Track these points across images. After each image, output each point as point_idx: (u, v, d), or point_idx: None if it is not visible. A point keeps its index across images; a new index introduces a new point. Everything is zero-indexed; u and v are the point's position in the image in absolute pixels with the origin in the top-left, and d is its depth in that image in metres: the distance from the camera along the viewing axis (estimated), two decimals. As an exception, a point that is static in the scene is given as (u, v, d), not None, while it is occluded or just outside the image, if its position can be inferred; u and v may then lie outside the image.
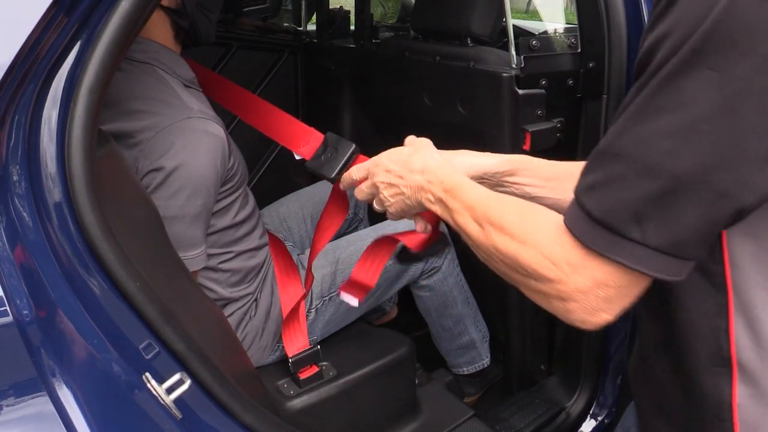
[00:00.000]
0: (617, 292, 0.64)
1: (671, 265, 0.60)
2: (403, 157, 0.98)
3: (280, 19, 2.81)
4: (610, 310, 0.65)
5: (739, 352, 0.68)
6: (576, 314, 0.67)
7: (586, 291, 0.65)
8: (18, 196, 0.80)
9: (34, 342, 0.74)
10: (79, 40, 0.81)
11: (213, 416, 0.88)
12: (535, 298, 0.72)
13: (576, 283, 0.65)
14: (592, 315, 0.66)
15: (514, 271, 0.74)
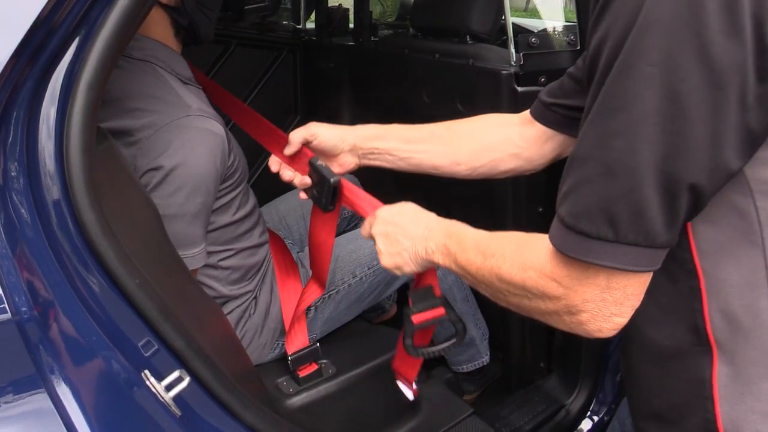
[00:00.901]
0: (623, 293, 0.67)
1: (649, 257, 0.63)
2: (401, 213, 1.03)
3: (279, 18, 2.81)
4: (622, 312, 0.68)
5: (715, 332, 0.71)
6: (590, 324, 0.69)
7: (592, 299, 0.67)
8: (16, 193, 0.80)
9: (32, 339, 0.74)
10: (78, 37, 0.81)
11: (212, 414, 0.88)
12: (550, 321, 0.73)
13: (582, 294, 0.68)
14: (606, 321, 0.68)
15: (524, 298, 0.75)
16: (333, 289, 1.59)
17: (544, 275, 0.71)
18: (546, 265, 0.71)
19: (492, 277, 0.80)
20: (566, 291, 0.69)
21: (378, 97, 2.25)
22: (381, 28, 2.52)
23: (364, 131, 1.19)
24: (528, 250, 0.75)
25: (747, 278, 0.68)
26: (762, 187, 0.65)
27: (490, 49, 1.69)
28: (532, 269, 0.73)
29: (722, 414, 0.73)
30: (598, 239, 0.63)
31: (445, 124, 1.18)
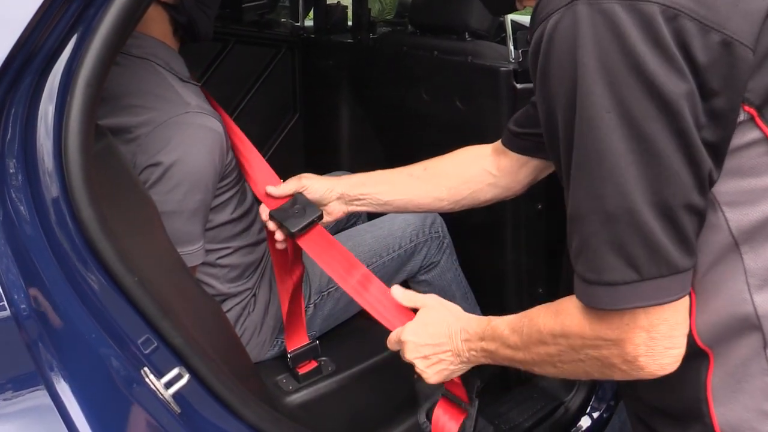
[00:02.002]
0: (668, 325, 0.68)
1: (678, 283, 0.66)
2: (427, 331, 1.02)
3: (278, 15, 2.80)
4: (675, 344, 0.69)
5: (705, 340, 0.73)
6: (650, 365, 0.69)
7: (642, 342, 0.68)
8: (15, 190, 0.80)
9: (31, 336, 0.74)
10: (76, 34, 0.81)
11: (212, 411, 0.88)
12: (614, 375, 0.74)
13: (630, 341, 0.69)
14: (663, 356, 0.69)
15: (579, 362, 0.76)
16: (332, 286, 1.59)
17: (588, 336, 0.72)
18: (585, 326, 0.73)
19: (543, 357, 0.81)
20: (613, 343, 0.70)
21: (377, 94, 2.25)
22: (379, 25, 2.51)
23: (350, 180, 1.26)
24: (563, 317, 0.76)
25: (730, 287, 0.70)
26: (727, 199, 0.67)
27: (489, 46, 1.69)
28: (575, 335, 0.74)
29: (718, 415, 0.74)
30: (625, 284, 0.65)
31: (424, 163, 1.25)
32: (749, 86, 0.63)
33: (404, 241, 1.67)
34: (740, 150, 0.65)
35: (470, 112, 1.72)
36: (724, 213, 0.68)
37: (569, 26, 0.64)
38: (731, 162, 0.66)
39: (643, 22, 0.61)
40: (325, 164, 2.40)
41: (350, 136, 2.45)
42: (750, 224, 0.68)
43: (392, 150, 2.26)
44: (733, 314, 0.71)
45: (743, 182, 0.66)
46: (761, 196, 0.66)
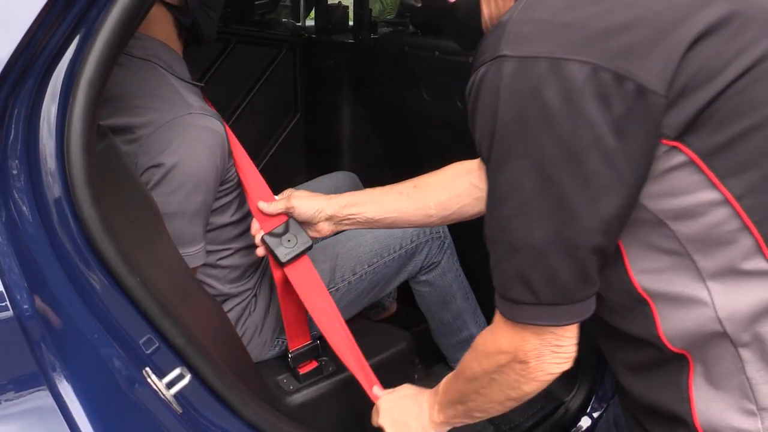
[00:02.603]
0: (557, 342, 0.77)
1: (574, 311, 0.74)
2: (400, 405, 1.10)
3: (279, 15, 2.80)
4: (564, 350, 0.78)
5: (677, 346, 0.77)
6: (537, 370, 0.80)
7: (532, 349, 0.78)
8: (18, 191, 0.80)
9: (34, 336, 0.74)
10: (78, 34, 0.81)
11: (213, 411, 0.89)
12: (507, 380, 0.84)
13: (522, 349, 0.79)
14: (551, 366, 0.80)
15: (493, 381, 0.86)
16: (333, 286, 1.59)
17: (491, 350, 0.84)
18: (488, 341, 0.84)
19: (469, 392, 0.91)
20: (510, 352, 0.80)
21: (378, 94, 2.25)
22: (381, 25, 2.51)
23: (340, 201, 1.30)
24: (475, 342, 0.89)
25: (688, 295, 0.73)
26: (669, 215, 0.71)
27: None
28: (481, 353, 0.86)
29: (699, 414, 0.76)
30: (524, 304, 0.74)
31: (413, 181, 1.31)
32: (664, 123, 0.66)
33: (405, 241, 1.67)
34: (669, 173, 0.69)
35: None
36: (671, 227, 0.71)
37: (493, 80, 0.69)
38: (663, 184, 0.69)
39: (560, 79, 0.65)
40: (325, 164, 2.40)
41: (351, 136, 2.46)
42: (696, 234, 0.71)
43: (393, 150, 2.26)
44: (697, 321, 0.73)
45: (678, 200, 0.70)
46: (698, 211, 0.70)
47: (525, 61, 0.67)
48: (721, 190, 0.68)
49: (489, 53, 0.71)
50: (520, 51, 0.67)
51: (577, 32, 0.66)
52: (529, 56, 0.67)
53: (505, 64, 0.68)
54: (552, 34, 0.67)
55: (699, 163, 0.68)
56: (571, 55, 0.65)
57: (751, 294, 0.71)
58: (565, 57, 0.65)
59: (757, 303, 0.71)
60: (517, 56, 0.67)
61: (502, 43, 0.69)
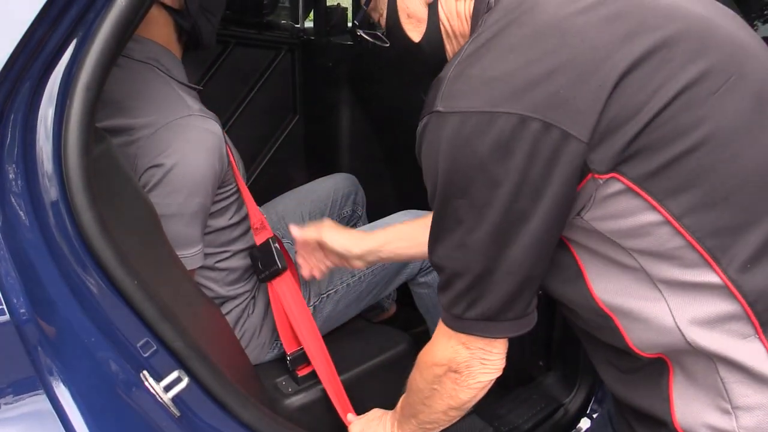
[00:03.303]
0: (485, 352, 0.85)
1: (502, 328, 0.81)
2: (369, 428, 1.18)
3: (278, 17, 2.80)
4: (492, 361, 0.86)
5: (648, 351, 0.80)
6: (469, 378, 0.87)
7: (463, 360, 0.85)
8: (14, 195, 0.80)
9: (31, 340, 0.74)
10: (75, 38, 0.81)
11: (211, 414, 0.88)
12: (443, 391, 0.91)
13: (454, 360, 0.86)
14: (479, 371, 0.87)
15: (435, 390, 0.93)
16: (332, 288, 1.59)
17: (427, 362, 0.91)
18: (428, 354, 0.92)
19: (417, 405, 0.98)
20: (445, 362, 0.87)
21: (376, 95, 2.25)
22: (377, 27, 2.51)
23: (369, 241, 1.31)
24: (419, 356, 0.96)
25: (648, 307, 0.76)
26: (618, 235, 0.74)
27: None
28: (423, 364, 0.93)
29: (678, 415, 0.79)
30: (466, 319, 0.81)
31: None
32: (592, 160, 0.70)
33: (404, 242, 1.67)
34: (610, 198, 0.72)
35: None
36: (622, 245, 0.75)
37: (431, 132, 0.76)
38: (607, 209, 0.73)
39: (490, 131, 0.70)
40: (324, 164, 2.40)
41: (350, 137, 2.46)
42: (646, 249, 0.74)
43: (392, 150, 2.26)
44: (659, 331, 0.76)
45: (623, 222, 0.73)
46: (642, 231, 0.73)
47: (457, 116, 0.72)
48: (660, 211, 0.71)
49: (428, 107, 0.77)
50: (453, 107, 0.73)
51: (503, 85, 0.71)
52: (461, 111, 0.72)
53: (440, 119, 0.74)
54: (481, 89, 0.72)
55: (636, 189, 0.71)
56: (499, 107, 0.70)
57: (706, 305, 0.73)
58: (494, 110, 0.70)
59: (713, 313, 0.73)
60: (450, 112, 0.73)
61: (438, 99, 0.75)
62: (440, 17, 0.91)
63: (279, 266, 1.41)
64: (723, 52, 0.73)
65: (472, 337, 0.84)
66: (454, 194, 0.76)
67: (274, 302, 1.47)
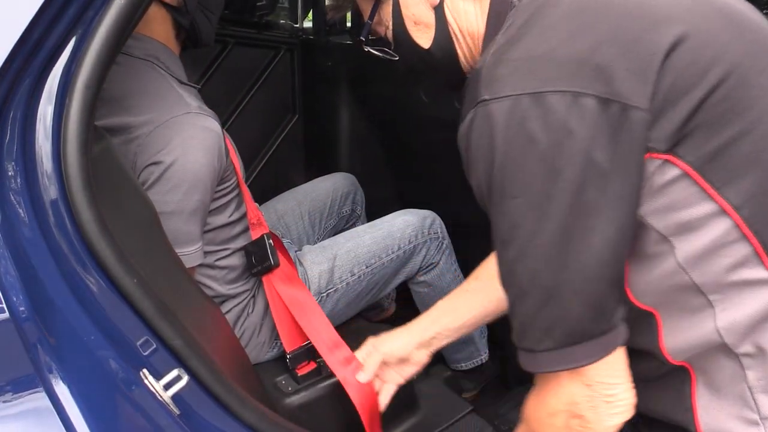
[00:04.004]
0: (602, 380, 0.72)
1: (594, 347, 0.69)
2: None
3: (277, 16, 2.80)
4: (618, 395, 0.72)
5: (677, 358, 0.76)
6: (600, 419, 0.73)
7: (581, 400, 0.73)
8: (14, 193, 0.80)
9: (30, 338, 0.74)
10: (75, 36, 0.81)
11: (211, 412, 0.88)
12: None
13: (574, 403, 0.73)
14: (609, 407, 0.73)
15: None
16: (331, 287, 1.59)
17: (541, 415, 0.79)
18: (536, 408, 0.80)
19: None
20: (563, 411, 0.75)
21: (375, 95, 2.25)
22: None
23: (419, 326, 1.24)
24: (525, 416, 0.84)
25: (691, 306, 0.72)
26: (672, 230, 0.70)
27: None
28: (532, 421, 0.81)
29: (702, 425, 0.76)
30: (543, 351, 0.71)
31: (474, 274, 1.25)
32: (651, 137, 0.66)
33: (403, 242, 1.67)
34: (667, 187, 0.68)
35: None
36: (671, 242, 0.70)
37: (481, 125, 0.69)
38: (661, 199, 0.68)
39: (542, 112, 0.65)
40: (324, 164, 2.40)
41: (349, 137, 2.46)
42: (696, 250, 0.70)
43: (391, 150, 2.26)
44: (697, 330, 0.73)
45: (679, 215, 0.69)
46: (699, 224, 0.69)
47: (506, 102, 0.67)
48: (717, 201, 0.67)
49: (471, 101, 0.72)
50: (499, 92, 0.68)
51: (548, 63, 0.67)
52: (508, 95, 0.67)
53: (488, 108, 0.68)
54: (526, 71, 0.68)
55: (693, 175, 0.67)
56: (549, 87, 0.65)
57: (750, 303, 0.70)
58: (544, 90, 0.66)
59: (756, 312, 0.70)
60: (498, 97, 0.68)
61: (481, 89, 0.70)
62: (447, 19, 0.89)
63: (271, 262, 1.42)
64: (759, 33, 0.71)
65: (587, 368, 0.71)
66: (510, 193, 0.68)
67: (273, 300, 1.47)
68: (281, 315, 1.47)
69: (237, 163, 1.42)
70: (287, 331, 1.47)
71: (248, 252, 1.46)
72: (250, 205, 1.46)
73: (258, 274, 1.45)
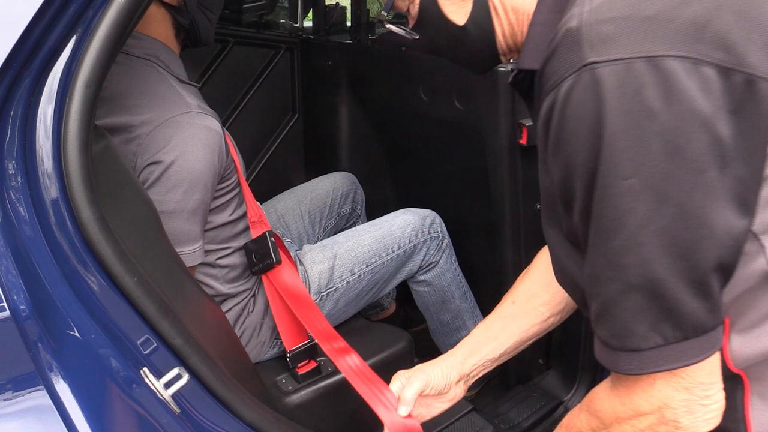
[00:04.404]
0: (701, 381, 0.66)
1: (706, 342, 0.64)
2: None
3: (276, 16, 2.80)
4: (714, 398, 0.67)
5: (739, 365, 0.71)
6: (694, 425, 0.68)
7: (680, 405, 0.66)
8: (14, 191, 0.80)
9: (31, 337, 0.74)
10: (75, 35, 0.81)
11: (211, 411, 0.88)
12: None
13: (669, 406, 0.67)
14: (704, 413, 0.67)
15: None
16: (332, 286, 1.59)
17: (623, 414, 0.71)
18: (617, 405, 0.72)
19: None
20: (652, 413, 0.68)
21: (376, 94, 2.25)
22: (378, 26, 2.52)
23: (458, 356, 1.13)
24: (594, 404, 0.76)
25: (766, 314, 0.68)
26: (764, 228, 0.64)
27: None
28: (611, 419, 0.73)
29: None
30: (650, 349, 0.64)
31: (509, 296, 1.14)
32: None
33: (403, 241, 1.67)
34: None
35: (468, 112, 1.72)
36: (761, 241, 0.64)
37: (585, 92, 0.61)
38: (765, 191, 0.62)
39: (661, 79, 0.58)
40: (324, 164, 2.40)
41: (349, 136, 2.46)
42: None
43: (391, 150, 2.26)
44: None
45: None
46: None
47: (619, 65, 0.59)
48: None
49: (566, 67, 0.63)
50: (610, 54, 0.60)
51: (663, 25, 0.60)
52: (621, 58, 0.59)
53: (598, 72, 0.60)
54: (639, 31, 0.60)
55: None
56: (666, 51, 0.58)
57: None
58: (661, 54, 0.58)
59: None
60: (609, 60, 0.59)
61: (585, 50, 0.61)
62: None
63: (273, 260, 1.42)
64: None
65: (687, 369, 0.65)
66: (621, 172, 0.60)
67: (274, 299, 1.47)
68: (281, 314, 1.47)
69: (238, 160, 1.43)
70: (287, 329, 1.47)
71: (249, 250, 1.45)
72: (250, 203, 1.46)
73: (259, 272, 1.45)
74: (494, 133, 1.60)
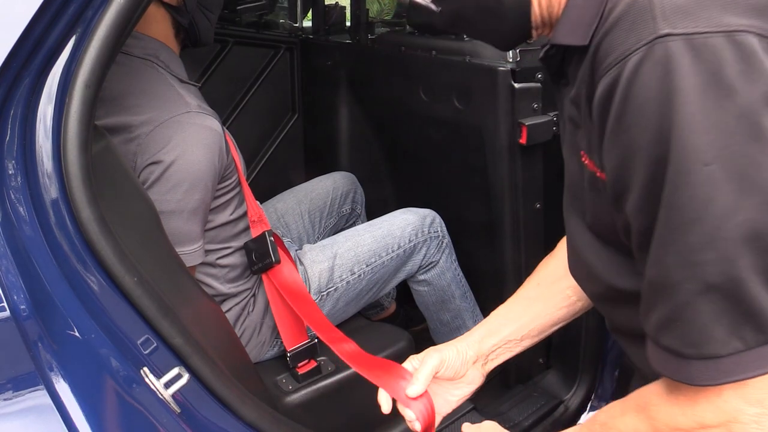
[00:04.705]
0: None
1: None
2: None
3: (276, 16, 2.81)
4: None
5: None
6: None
7: (751, 420, 0.61)
8: (14, 191, 0.80)
9: (31, 336, 0.74)
10: (74, 35, 0.81)
11: (211, 411, 0.88)
12: None
13: (738, 420, 0.61)
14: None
15: None
16: (332, 286, 1.59)
17: (685, 427, 0.65)
18: (677, 416, 0.66)
19: None
20: (718, 427, 0.62)
21: (375, 94, 2.25)
22: (378, 25, 2.52)
23: (475, 336, 1.05)
24: (650, 412, 0.70)
25: None
26: None
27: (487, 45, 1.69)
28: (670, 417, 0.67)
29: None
30: (729, 355, 0.58)
31: (534, 278, 1.08)
32: None
33: (403, 240, 1.67)
34: None
35: (468, 112, 1.72)
36: None
37: (655, 66, 0.56)
38: None
39: (742, 56, 0.54)
40: (324, 164, 2.40)
41: (349, 136, 2.46)
42: None
43: (391, 150, 2.26)
44: None
45: None
46: None
47: (697, 39, 0.54)
48: None
49: (633, 40, 0.58)
50: (687, 27, 0.55)
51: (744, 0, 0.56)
52: (698, 32, 0.54)
53: (672, 45, 0.55)
54: (717, 3, 0.55)
55: None
56: (746, 26, 0.54)
57: None
58: (741, 29, 0.54)
59: None
60: (685, 33, 0.55)
61: (658, 21, 0.56)
62: None
63: (272, 259, 1.42)
64: None
65: (759, 379, 0.59)
66: (701, 158, 0.54)
67: (274, 299, 1.47)
68: (282, 313, 1.47)
69: (238, 160, 1.43)
70: (288, 329, 1.47)
71: (249, 249, 1.46)
72: (250, 203, 1.46)
73: (258, 271, 1.45)
74: (494, 132, 1.60)
